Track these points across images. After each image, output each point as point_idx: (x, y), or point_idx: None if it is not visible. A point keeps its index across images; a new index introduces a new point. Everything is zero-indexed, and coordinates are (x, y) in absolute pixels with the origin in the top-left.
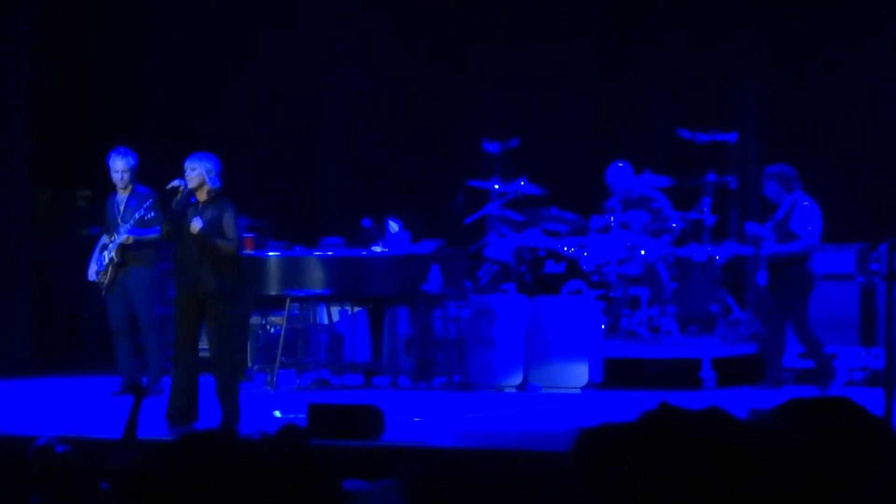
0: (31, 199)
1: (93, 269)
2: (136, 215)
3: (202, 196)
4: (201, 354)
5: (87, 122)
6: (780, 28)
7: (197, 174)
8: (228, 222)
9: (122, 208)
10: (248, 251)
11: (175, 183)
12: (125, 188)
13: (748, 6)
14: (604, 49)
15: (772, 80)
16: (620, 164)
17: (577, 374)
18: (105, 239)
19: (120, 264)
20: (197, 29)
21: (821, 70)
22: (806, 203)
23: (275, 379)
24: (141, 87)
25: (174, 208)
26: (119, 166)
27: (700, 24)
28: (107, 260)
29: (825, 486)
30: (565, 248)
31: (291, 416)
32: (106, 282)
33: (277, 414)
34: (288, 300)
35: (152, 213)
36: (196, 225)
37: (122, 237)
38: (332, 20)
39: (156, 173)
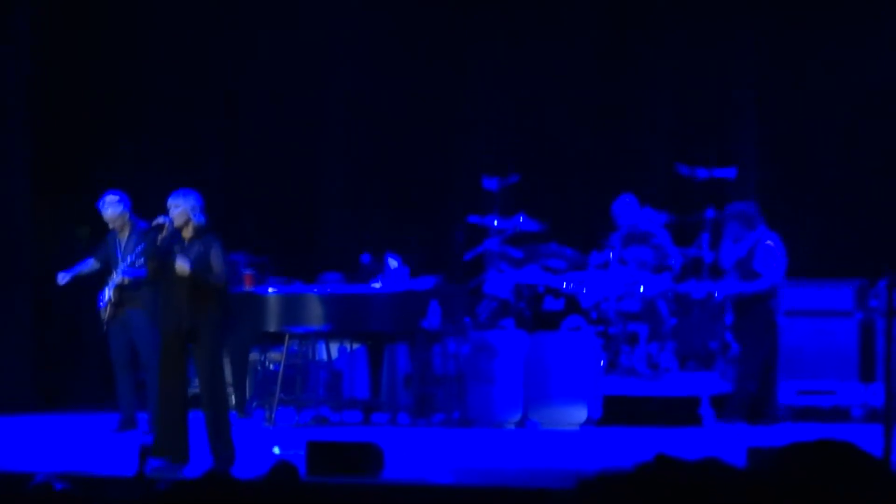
0: (31, 229)
1: (105, 295)
2: (138, 249)
3: (187, 233)
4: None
5: (88, 124)
6: (778, 60)
7: (181, 211)
8: (216, 258)
9: (122, 247)
10: (247, 287)
11: (159, 220)
12: (122, 232)
13: (745, 32)
14: (602, 84)
15: (771, 115)
16: (627, 199)
17: (576, 411)
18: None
19: (118, 304)
20: (197, 33)
21: (820, 106)
22: (769, 241)
23: (273, 415)
24: (141, 89)
25: (159, 246)
26: (108, 216)
27: (698, 56)
28: (106, 299)
29: None
30: (564, 285)
31: (290, 452)
32: (106, 318)
33: (276, 451)
34: (287, 336)
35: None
36: (183, 266)
37: (118, 279)
38: (329, 50)
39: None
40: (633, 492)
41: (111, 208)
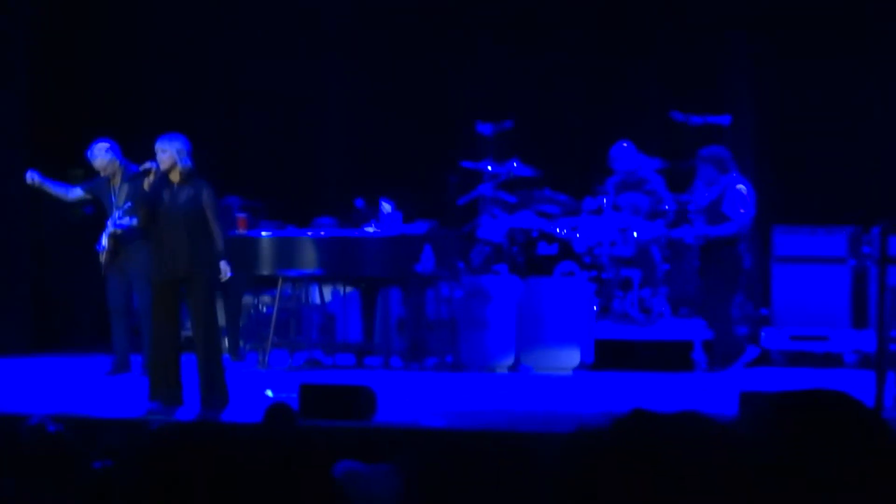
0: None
1: (103, 240)
2: (126, 205)
3: (175, 177)
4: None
5: (84, 99)
6: (773, 5)
7: (168, 156)
8: (208, 200)
9: (116, 194)
10: (241, 231)
11: (147, 165)
12: (114, 178)
13: None
14: (597, 29)
15: (764, 62)
16: (625, 144)
17: (569, 356)
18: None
19: (115, 252)
20: (192, 11)
21: (815, 51)
22: (740, 185)
23: (266, 358)
24: (137, 60)
25: (148, 192)
26: (98, 165)
27: (694, 4)
28: (103, 244)
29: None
30: (558, 230)
31: (283, 395)
32: (104, 263)
33: (269, 393)
34: (280, 280)
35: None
36: (224, 269)
37: (110, 230)
38: (326, 8)
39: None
40: (609, 449)
41: (100, 156)
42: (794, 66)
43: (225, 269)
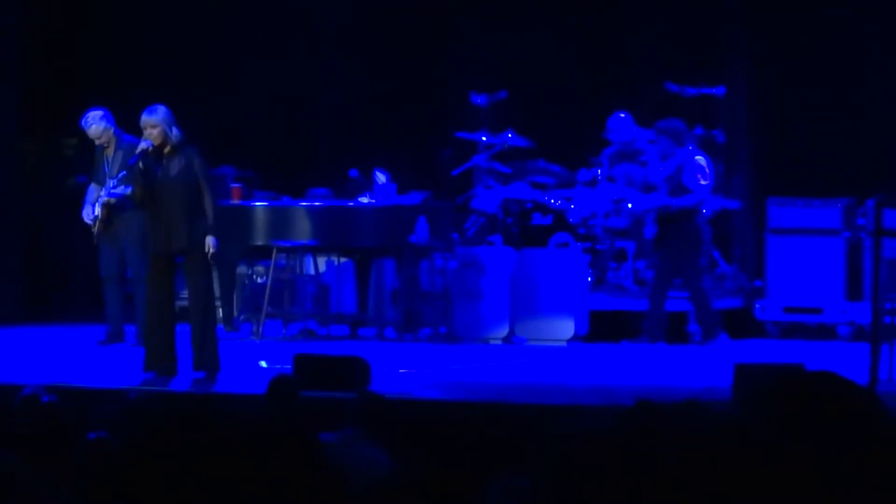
0: (19, 148)
1: (87, 212)
2: (120, 175)
3: (166, 149)
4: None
5: (76, 67)
6: None
7: (159, 130)
8: (200, 169)
9: (109, 163)
10: (234, 201)
11: (144, 146)
12: (108, 147)
13: None
14: (593, 4)
15: (760, 33)
16: (622, 115)
17: (563, 327)
18: (94, 190)
19: (107, 222)
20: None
21: (810, 22)
22: (698, 157)
23: (261, 329)
24: (127, 34)
25: (142, 169)
26: (92, 133)
27: None
28: (95, 213)
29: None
30: (552, 201)
31: (277, 366)
32: (96, 231)
33: (263, 364)
34: (274, 250)
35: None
36: (212, 245)
37: (104, 199)
38: None
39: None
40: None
41: (94, 124)
42: (790, 37)
43: (209, 245)
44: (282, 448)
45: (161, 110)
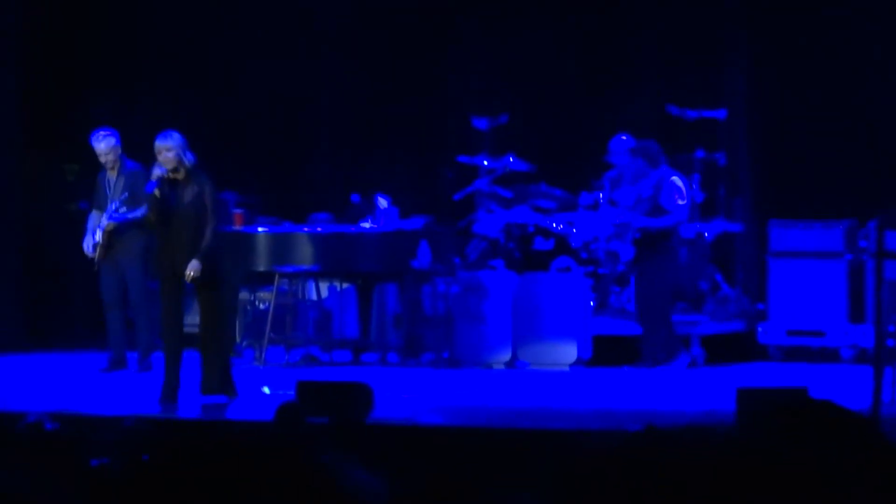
0: (21, 172)
1: (88, 242)
2: (123, 196)
3: (179, 175)
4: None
5: (77, 91)
6: (769, 1)
7: (174, 154)
8: (212, 197)
9: (112, 187)
10: (237, 227)
11: (159, 172)
12: (112, 168)
13: None
14: (590, 23)
15: (761, 56)
16: (624, 138)
17: (566, 351)
18: (95, 216)
19: (108, 246)
20: (187, 3)
21: (810, 46)
22: (674, 177)
23: (263, 355)
24: (129, 58)
25: (159, 197)
26: (101, 150)
27: (691, 3)
28: (96, 240)
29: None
30: (554, 225)
31: (280, 392)
32: (97, 258)
33: (266, 390)
34: (277, 276)
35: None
36: (194, 269)
37: (105, 223)
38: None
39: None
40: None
41: (104, 141)
42: (790, 61)
43: (193, 269)
44: (288, 473)
45: (176, 136)
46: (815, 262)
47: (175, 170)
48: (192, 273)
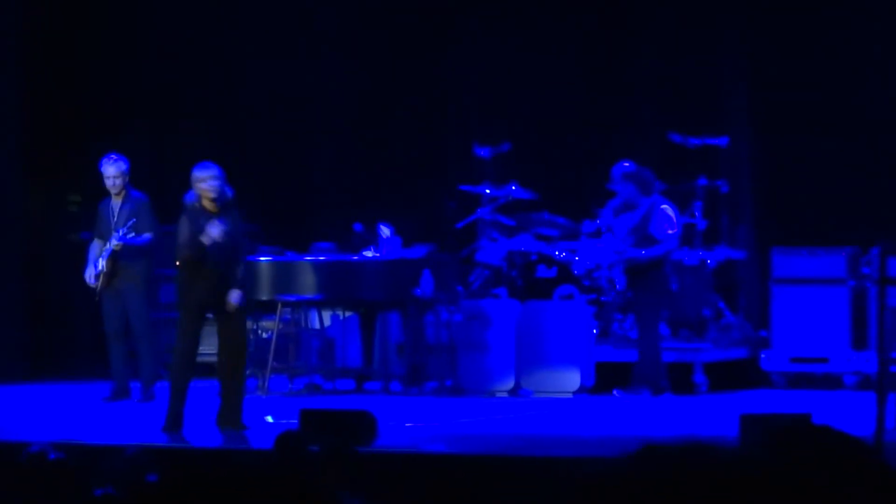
0: (23, 203)
1: (90, 272)
2: (130, 223)
3: (215, 207)
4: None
5: (80, 123)
6: (769, 30)
7: (220, 184)
8: (243, 230)
9: (116, 215)
10: None
11: (191, 202)
12: (119, 194)
13: (737, 7)
14: (592, 51)
15: (762, 84)
16: (626, 164)
17: (569, 379)
18: (98, 245)
19: (111, 274)
20: (191, 34)
21: (811, 73)
22: (664, 206)
23: (266, 384)
24: (134, 88)
25: (194, 228)
26: (111, 172)
27: (690, 26)
28: (99, 268)
29: None
30: (557, 253)
31: (283, 421)
32: (99, 288)
33: (269, 419)
34: (279, 305)
35: (146, 220)
36: (237, 299)
37: (113, 244)
38: (318, 25)
39: (146, 176)
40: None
41: (115, 165)
42: (791, 87)
43: (237, 299)
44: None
45: (216, 168)
46: (818, 288)
47: (214, 200)
48: (235, 304)
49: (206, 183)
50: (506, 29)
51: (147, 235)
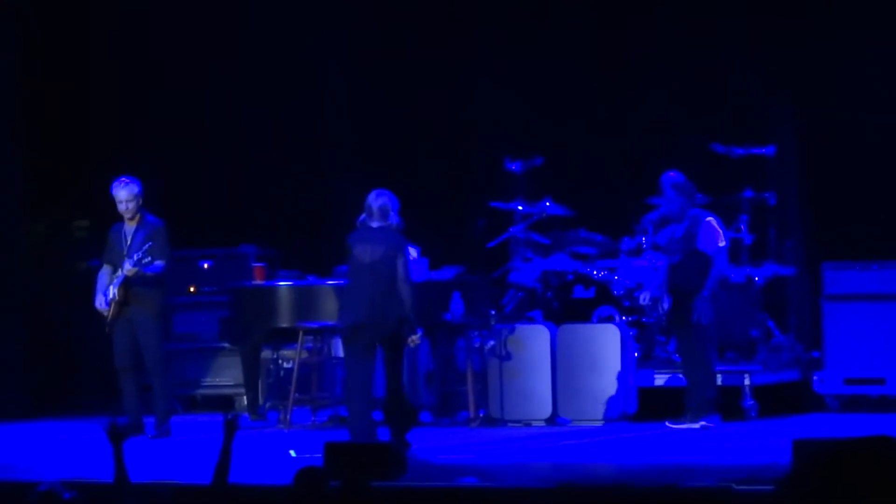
0: (26, 230)
1: (100, 300)
2: (146, 247)
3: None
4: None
5: (84, 146)
6: (817, 34)
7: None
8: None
9: (129, 240)
10: (257, 281)
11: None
12: (132, 218)
13: (781, 11)
14: (629, 60)
15: (810, 89)
16: (674, 174)
17: (610, 406)
18: (107, 273)
19: (123, 303)
20: (198, 54)
21: (862, 79)
22: (709, 218)
23: (288, 416)
24: (139, 110)
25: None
26: (123, 196)
27: (731, 30)
28: (110, 296)
29: None
30: (594, 272)
31: (307, 455)
32: (110, 317)
33: (292, 454)
34: (301, 332)
35: (160, 247)
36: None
37: (126, 270)
38: (339, 39)
39: (153, 199)
40: None
41: (126, 189)
42: (841, 92)
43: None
44: None
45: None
46: (873, 305)
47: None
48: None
49: (381, 210)
50: (537, 37)
51: (160, 263)
